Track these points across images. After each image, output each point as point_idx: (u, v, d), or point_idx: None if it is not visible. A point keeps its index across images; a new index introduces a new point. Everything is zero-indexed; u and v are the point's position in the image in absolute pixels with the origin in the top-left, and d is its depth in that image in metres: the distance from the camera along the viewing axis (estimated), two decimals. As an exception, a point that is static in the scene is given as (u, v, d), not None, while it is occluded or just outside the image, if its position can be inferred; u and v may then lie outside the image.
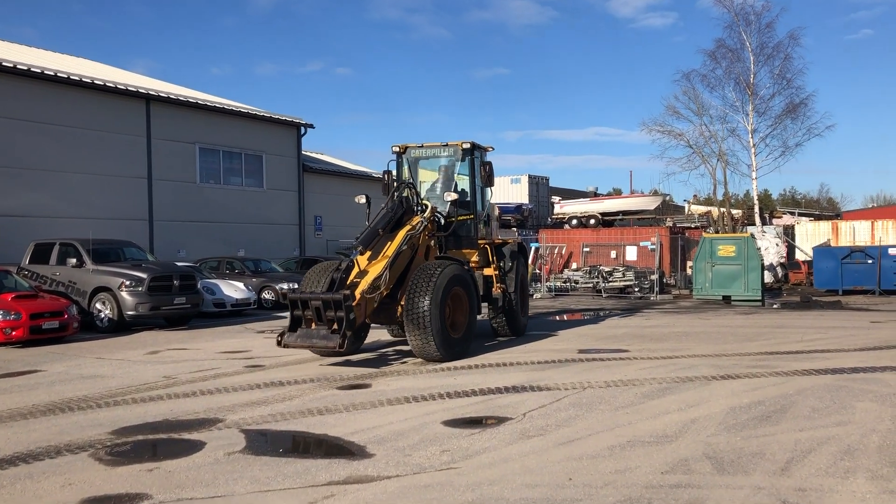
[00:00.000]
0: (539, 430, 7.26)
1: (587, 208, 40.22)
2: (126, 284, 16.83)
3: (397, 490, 5.53)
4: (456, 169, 14.73)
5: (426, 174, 15.18)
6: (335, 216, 34.13)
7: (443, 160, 14.79)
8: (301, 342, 11.02)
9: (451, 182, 14.58)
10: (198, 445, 7.00)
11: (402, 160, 14.71)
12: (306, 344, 11.07)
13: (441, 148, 14.55)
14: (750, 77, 38.54)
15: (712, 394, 8.83)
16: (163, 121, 26.30)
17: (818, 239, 39.37)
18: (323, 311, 10.86)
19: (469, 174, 14.64)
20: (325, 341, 10.74)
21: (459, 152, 14.38)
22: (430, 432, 7.29)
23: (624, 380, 9.83)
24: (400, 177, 14.57)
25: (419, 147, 14.64)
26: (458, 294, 12.34)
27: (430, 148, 14.63)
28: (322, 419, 8.00)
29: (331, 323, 10.87)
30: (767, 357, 11.76)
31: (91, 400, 9.28)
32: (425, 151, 14.68)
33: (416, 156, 14.73)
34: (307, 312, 11.04)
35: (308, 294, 11.22)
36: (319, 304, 10.87)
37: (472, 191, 14.61)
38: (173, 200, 26.48)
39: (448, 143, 14.45)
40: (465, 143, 14.28)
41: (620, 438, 6.83)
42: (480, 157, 14.80)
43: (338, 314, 10.74)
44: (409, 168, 14.75)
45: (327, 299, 10.81)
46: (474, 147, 14.51)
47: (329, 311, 10.83)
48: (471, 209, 14.46)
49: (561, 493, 5.36)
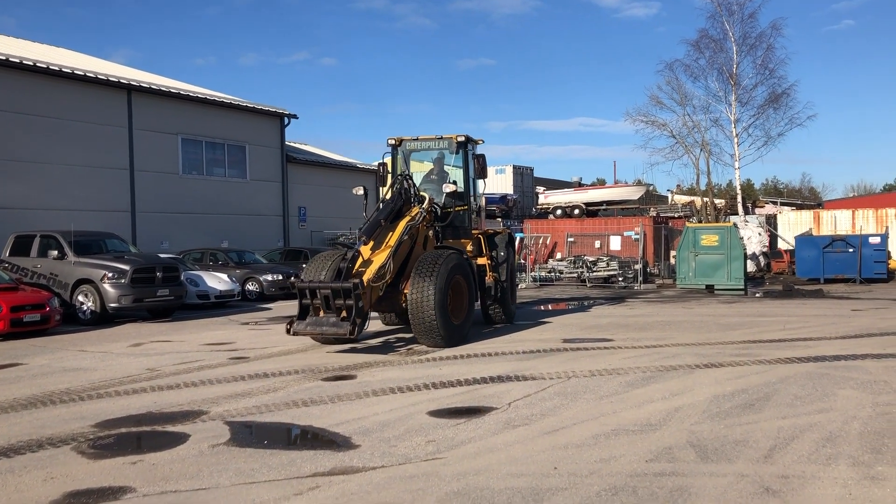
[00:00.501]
0: (524, 419, 7.27)
1: (571, 198, 40.27)
2: (108, 276, 16.69)
3: (382, 481, 5.53)
4: (450, 161, 14.96)
5: (421, 166, 15.40)
6: (319, 207, 34.03)
7: (437, 153, 15.03)
8: (312, 329, 11.36)
9: (445, 174, 14.87)
10: (182, 438, 6.96)
11: (398, 152, 14.96)
12: (317, 331, 11.40)
13: (436, 140, 14.80)
14: (733, 67, 38.72)
15: (696, 382, 8.88)
16: (145, 111, 26.08)
17: (800, 228, 39.66)
18: (332, 299, 11.22)
19: (463, 166, 14.93)
20: (336, 329, 11.08)
21: (454, 145, 14.64)
22: (416, 423, 7.29)
23: (608, 369, 9.87)
24: (395, 169, 14.77)
25: (414, 140, 14.89)
26: (458, 282, 12.66)
27: (425, 141, 14.95)
28: (307, 411, 7.98)
29: (339, 311, 11.24)
30: (750, 345, 11.85)
31: (74, 393, 9.21)
32: (420, 144, 14.96)
33: (410, 148, 15.01)
34: (316, 301, 11.37)
35: (317, 283, 11.50)
36: (329, 293, 11.22)
37: (466, 182, 14.92)
38: (156, 192, 26.29)
39: (443, 136, 14.68)
40: (459, 137, 14.54)
41: (605, 427, 6.86)
42: (473, 149, 15.06)
43: (347, 302, 11.13)
44: (404, 160, 14.98)
45: (337, 288, 11.16)
46: (468, 140, 14.77)
47: (338, 300, 11.19)
48: (465, 200, 14.75)
49: (546, 482, 5.38)
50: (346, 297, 11.12)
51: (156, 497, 5.31)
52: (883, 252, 26.97)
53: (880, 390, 8.25)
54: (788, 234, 39.79)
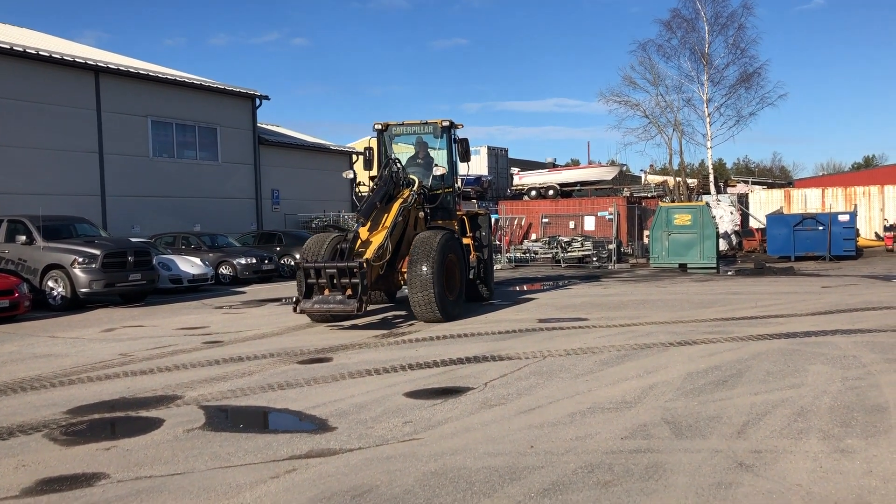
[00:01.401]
0: (500, 399, 7.30)
1: (546, 179, 40.39)
2: (79, 261, 16.47)
3: (360, 462, 5.52)
4: (434, 145, 15.57)
5: (406, 150, 16.02)
6: (293, 189, 33.78)
7: (422, 137, 15.61)
8: (319, 307, 11.96)
9: (429, 158, 15.45)
10: (156, 423, 6.90)
11: (384, 137, 15.54)
12: (324, 309, 11.99)
13: (421, 125, 15.41)
14: (705, 47, 38.86)
15: (670, 360, 8.96)
16: (113, 93, 25.67)
17: (771, 207, 40.10)
18: (338, 278, 11.84)
19: (446, 150, 15.49)
20: (343, 306, 11.74)
21: (438, 129, 15.23)
22: (393, 404, 7.29)
23: (583, 348, 9.93)
24: (381, 153, 15.44)
25: (400, 125, 15.49)
26: (452, 260, 13.40)
27: (410, 125, 15.59)
28: (283, 394, 7.94)
29: (344, 289, 11.88)
30: (723, 323, 11.98)
31: (45, 379, 9.09)
32: (405, 129, 15.56)
33: (396, 133, 15.57)
34: (321, 280, 11.99)
35: (322, 263, 12.11)
36: (335, 272, 11.84)
37: (450, 166, 15.44)
38: (126, 175, 25.94)
39: (427, 121, 15.29)
40: (443, 121, 15.14)
41: (580, 405, 6.90)
42: (457, 133, 15.67)
43: (352, 281, 11.79)
44: (390, 144, 15.61)
45: (343, 267, 11.81)
46: (452, 125, 15.34)
47: (343, 279, 11.84)
48: (449, 183, 15.32)
49: (523, 460, 5.40)
50: (352, 276, 11.76)
51: (130, 483, 5.26)
52: (852, 230, 27.39)
53: (849, 365, 8.38)
54: (760, 212, 40.21)
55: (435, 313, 12.64)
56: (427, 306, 12.57)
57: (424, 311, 12.65)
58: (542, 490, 4.82)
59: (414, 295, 12.58)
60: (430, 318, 12.69)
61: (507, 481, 5.00)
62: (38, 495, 5.08)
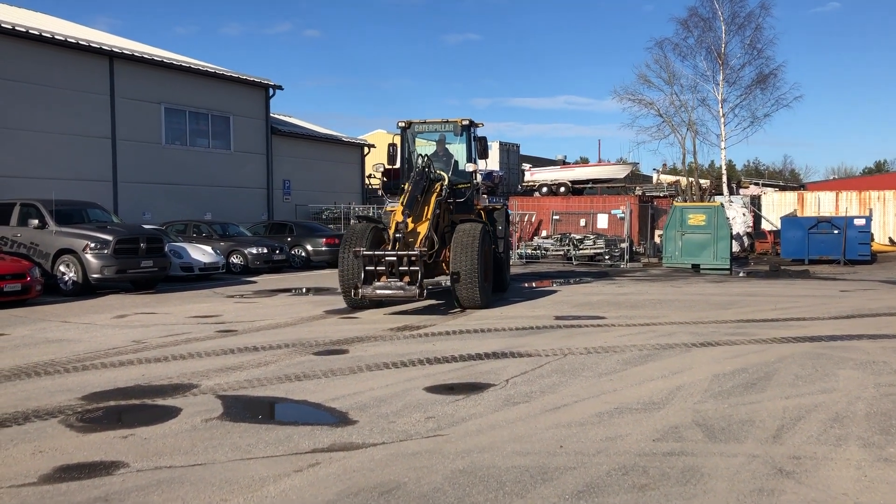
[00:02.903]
0: (524, 396, 7.14)
1: (557, 176, 40.15)
2: (91, 247, 16.35)
3: (385, 457, 5.37)
4: (454, 142, 16.14)
5: (428, 147, 16.58)
6: (304, 180, 33.66)
7: (443, 135, 16.21)
8: (381, 293, 12.65)
9: (449, 154, 15.97)
10: (173, 412, 6.77)
11: (406, 134, 16.09)
12: (385, 294, 12.70)
13: (442, 123, 16.04)
14: (721, 47, 38.56)
15: (694, 361, 8.79)
16: (127, 79, 25.54)
17: (784, 209, 39.80)
18: (397, 265, 12.68)
19: (465, 147, 16.10)
20: (405, 292, 12.52)
21: (458, 127, 15.88)
22: (413, 398, 7.14)
23: (604, 346, 9.76)
24: (405, 149, 15.95)
25: (422, 122, 16.12)
26: (486, 251, 14.11)
27: (432, 123, 16.08)
28: (300, 385, 7.81)
29: (401, 276, 12.70)
30: (744, 325, 11.79)
31: (59, 364, 8.97)
32: (427, 126, 16.19)
33: (418, 130, 16.17)
34: (379, 268, 12.77)
35: (382, 251, 12.95)
36: (395, 259, 12.69)
37: (469, 162, 15.96)
38: (138, 161, 25.83)
39: (448, 120, 15.94)
40: (463, 120, 15.81)
41: (607, 405, 6.74)
42: (475, 132, 16.21)
43: (411, 268, 12.67)
44: (412, 140, 16.17)
45: (403, 255, 12.68)
46: (472, 123, 15.97)
47: (402, 266, 12.69)
48: (468, 178, 15.84)
49: (553, 460, 5.24)
50: (411, 264, 12.66)
51: (150, 473, 5.12)
52: (867, 234, 27.09)
53: (880, 371, 8.19)
54: (772, 215, 39.94)
55: (477, 300, 13.41)
56: (472, 293, 13.31)
57: (468, 298, 13.39)
58: (575, 492, 4.66)
59: (461, 283, 13.22)
60: (474, 304, 13.48)
61: (538, 482, 4.84)
62: (57, 482, 4.94)
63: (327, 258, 25.51)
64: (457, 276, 13.23)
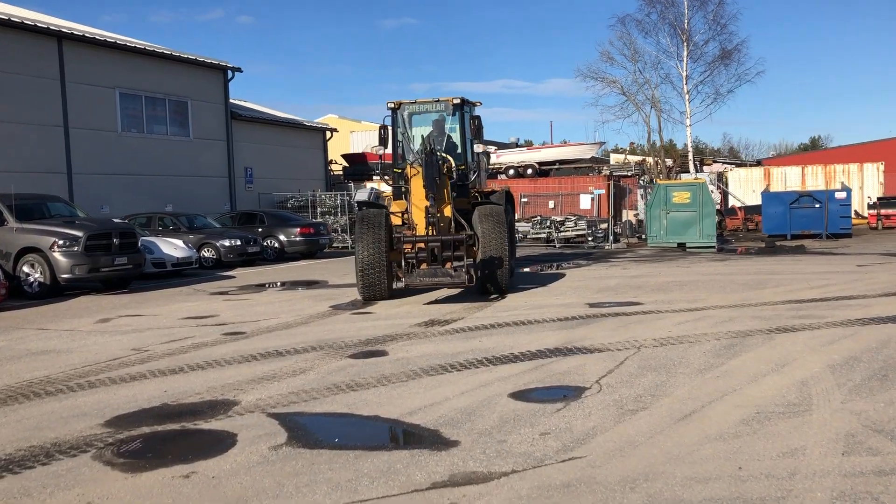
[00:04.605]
0: (633, 401, 6.18)
1: (524, 158, 39.36)
2: (59, 244, 14.83)
3: (534, 493, 4.34)
4: (447, 123, 15.17)
5: (419, 129, 15.57)
6: (266, 167, 32.09)
7: (435, 115, 15.25)
8: (429, 280, 11.92)
9: (443, 136, 15.02)
10: (226, 439, 5.64)
11: (397, 116, 15.16)
12: (434, 281, 11.98)
13: (433, 103, 15.15)
14: (685, 22, 38.21)
15: (789, 350, 7.93)
16: (78, 62, 23.64)
17: (750, 185, 39.82)
18: (441, 251, 11.97)
19: (459, 128, 15.13)
20: (453, 278, 11.79)
21: (450, 107, 14.96)
22: (505, 409, 6.12)
23: (672, 337, 8.86)
24: (396, 131, 15.10)
25: (412, 103, 15.11)
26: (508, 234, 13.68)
27: (423, 104, 15.19)
28: (359, 396, 6.72)
29: (445, 261, 12.00)
30: (798, 306, 11.01)
31: (58, 382, 7.70)
32: (418, 107, 15.31)
33: (410, 111, 15.25)
34: (422, 254, 12.10)
35: (426, 236, 12.20)
36: (438, 245, 11.98)
37: (463, 143, 15.07)
38: (93, 151, 24.01)
39: (440, 99, 15.05)
40: (455, 99, 14.82)
41: (743, 410, 5.81)
42: (470, 111, 15.26)
43: (456, 253, 11.99)
44: (404, 122, 15.24)
45: (449, 240, 12.03)
46: (464, 102, 15.01)
47: (447, 251, 11.99)
48: (462, 160, 14.92)
49: (748, 488, 4.27)
50: (456, 249, 11.99)
51: (249, 530, 4.01)
52: (848, 207, 27.00)
53: None
54: (739, 191, 39.91)
55: (501, 284, 12.84)
56: (503, 278, 12.78)
57: (500, 284, 12.82)
58: (808, 532, 3.72)
59: (487, 267, 12.55)
60: (496, 288, 12.87)
61: (750, 519, 3.88)
62: (137, 555, 3.80)
63: (302, 249, 24.26)
64: (488, 261, 12.46)
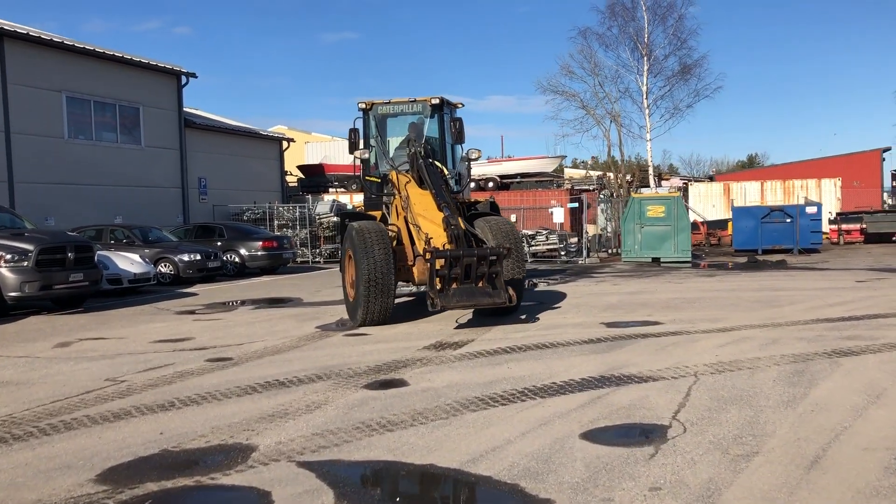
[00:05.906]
0: (735, 443, 5.27)
1: (485, 171, 38.55)
2: (6, 259, 13.36)
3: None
4: (425, 125, 13.85)
5: (394, 132, 14.31)
6: (220, 178, 30.59)
7: (411, 117, 13.94)
8: (465, 301, 10.35)
9: (421, 138, 13.58)
10: (259, 499, 4.55)
11: (369, 117, 13.93)
12: (471, 302, 10.45)
13: (409, 104, 13.94)
14: (644, 37, 38.08)
15: (870, 377, 7.13)
16: (21, 63, 21.94)
17: (710, 200, 39.83)
18: (475, 267, 10.30)
19: (438, 131, 13.89)
20: (492, 298, 10.31)
21: (428, 108, 13.75)
22: (586, 455, 5.15)
23: (723, 362, 8.00)
24: (368, 134, 13.91)
25: (386, 103, 13.91)
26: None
27: (398, 104, 13.99)
28: (398, 438, 5.68)
29: (479, 278, 10.42)
30: (835, 325, 10.25)
31: (25, 423, 6.45)
32: (393, 108, 14.01)
33: (383, 112, 13.99)
34: (455, 270, 10.27)
35: (459, 251, 10.36)
36: (473, 261, 10.29)
37: (442, 147, 13.84)
38: (37, 158, 22.31)
39: (416, 99, 13.85)
40: (433, 99, 13.65)
41: (875, 454, 4.95)
42: (450, 113, 14.04)
43: (492, 269, 10.35)
44: (377, 125, 13.98)
45: (484, 254, 10.35)
46: (443, 103, 13.85)
47: (481, 267, 10.32)
48: (445, 167, 13.51)
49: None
50: (491, 264, 10.33)
51: None
52: (819, 222, 26.83)
53: None
54: (699, 206, 39.86)
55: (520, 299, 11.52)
56: (520, 291, 11.64)
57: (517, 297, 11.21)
58: None
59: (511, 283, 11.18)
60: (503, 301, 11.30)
61: None
62: None
63: (264, 264, 22.96)
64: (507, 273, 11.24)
